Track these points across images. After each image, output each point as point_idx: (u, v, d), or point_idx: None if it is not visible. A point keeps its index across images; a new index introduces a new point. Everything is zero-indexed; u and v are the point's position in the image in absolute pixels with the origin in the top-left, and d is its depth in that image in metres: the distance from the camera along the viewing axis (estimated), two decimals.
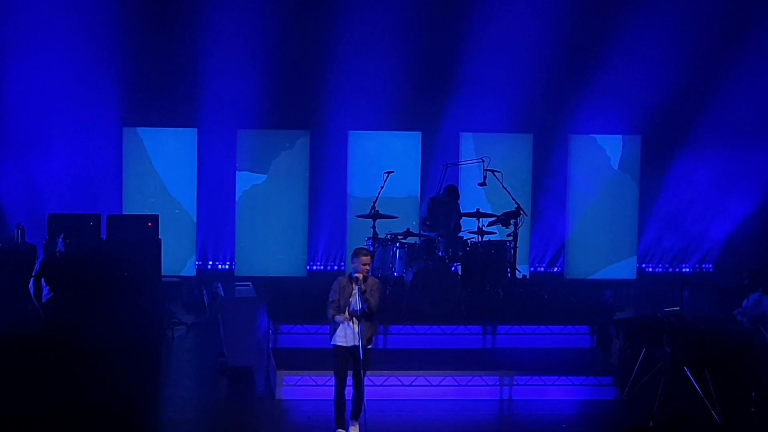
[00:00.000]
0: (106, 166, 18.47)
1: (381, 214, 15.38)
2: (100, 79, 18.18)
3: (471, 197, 17.33)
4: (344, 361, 11.32)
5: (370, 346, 11.37)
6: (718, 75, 19.08)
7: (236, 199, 18.71)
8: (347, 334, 11.24)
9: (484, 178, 15.93)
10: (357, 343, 11.18)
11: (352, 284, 11.19)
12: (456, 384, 13.15)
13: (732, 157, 19.36)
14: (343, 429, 11.39)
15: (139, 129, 18.47)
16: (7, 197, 18.09)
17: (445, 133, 18.96)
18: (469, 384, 13.16)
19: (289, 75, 18.59)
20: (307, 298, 15.83)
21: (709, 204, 19.56)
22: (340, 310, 11.21)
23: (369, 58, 18.48)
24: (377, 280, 11.48)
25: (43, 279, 14.74)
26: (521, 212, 15.72)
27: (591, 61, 18.81)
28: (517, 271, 15.84)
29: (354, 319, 11.18)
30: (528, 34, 18.58)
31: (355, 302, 11.18)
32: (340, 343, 11.29)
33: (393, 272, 15.27)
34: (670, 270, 19.73)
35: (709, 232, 19.70)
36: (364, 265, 11.18)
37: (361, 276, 11.14)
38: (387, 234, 15.52)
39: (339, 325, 11.24)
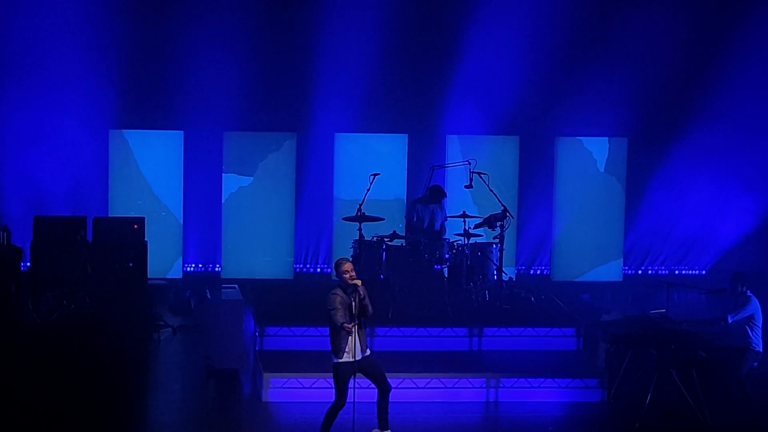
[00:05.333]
0: (92, 169, 18.42)
1: (367, 216, 15.37)
2: (86, 82, 18.13)
3: (457, 200, 17.34)
4: (348, 378, 11.09)
5: (368, 353, 11.18)
6: (705, 77, 19.12)
7: (223, 201, 18.66)
8: (353, 348, 11.00)
9: (471, 180, 15.93)
10: (361, 356, 11.04)
11: (348, 294, 10.92)
12: (442, 386, 13.14)
13: (718, 159, 19.38)
14: None
15: (125, 131, 18.41)
16: None
17: (432, 136, 18.95)
18: (455, 386, 13.16)
19: (276, 77, 18.59)
20: (293, 301, 15.82)
21: (696, 206, 19.58)
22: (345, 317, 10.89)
23: (355, 61, 18.46)
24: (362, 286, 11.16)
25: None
26: (507, 215, 15.71)
27: (577, 63, 18.82)
28: (503, 274, 15.84)
29: (355, 328, 10.91)
30: (514, 37, 18.58)
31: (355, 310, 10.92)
32: (346, 360, 11.02)
33: (379, 274, 15.26)
34: (657, 272, 19.75)
35: (695, 234, 19.71)
36: (347, 272, 10.93)
37: (359, 282, 10.91)
38: (373, 236, 15.52)
39: (345, 340, 10.93)
